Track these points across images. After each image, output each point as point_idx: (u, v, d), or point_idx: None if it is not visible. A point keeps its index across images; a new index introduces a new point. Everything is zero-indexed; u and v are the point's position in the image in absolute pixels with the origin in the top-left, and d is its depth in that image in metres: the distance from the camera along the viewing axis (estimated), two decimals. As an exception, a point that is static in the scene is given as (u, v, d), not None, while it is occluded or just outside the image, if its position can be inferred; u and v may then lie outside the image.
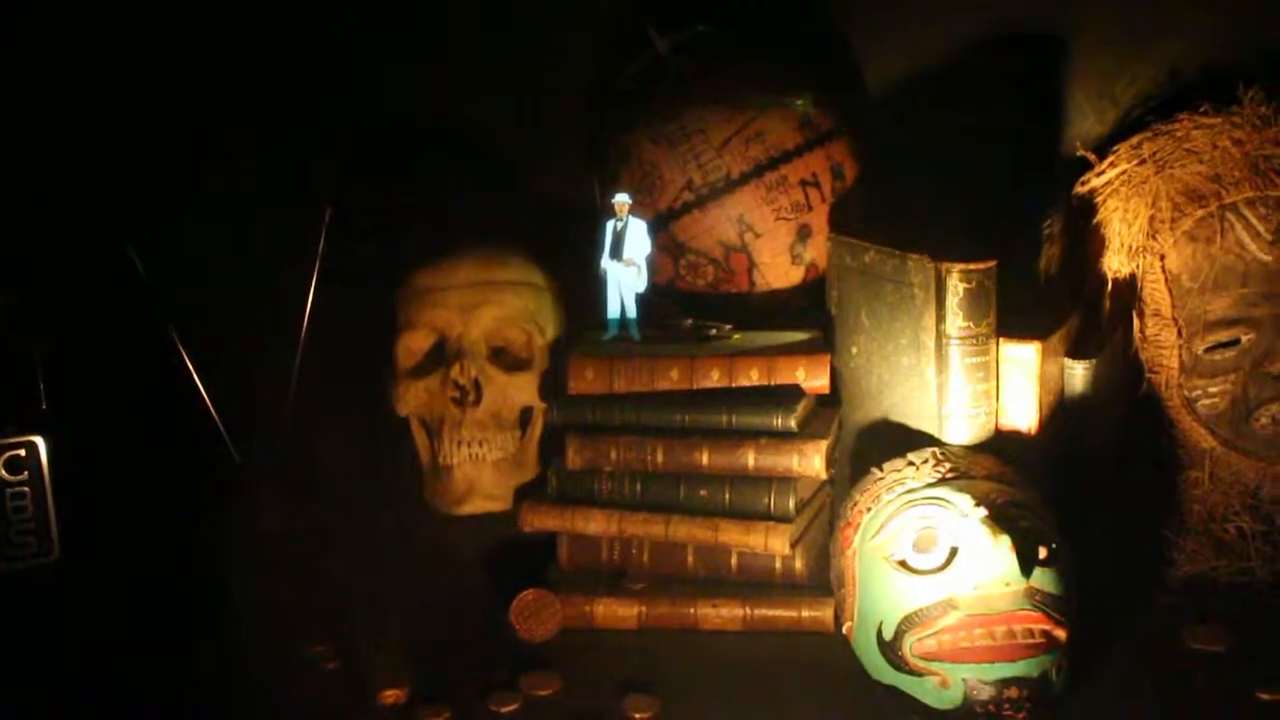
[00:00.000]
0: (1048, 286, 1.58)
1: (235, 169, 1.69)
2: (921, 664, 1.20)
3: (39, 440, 1.45)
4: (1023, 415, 1.39)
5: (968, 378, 1.37)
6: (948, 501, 1.23)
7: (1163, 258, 1.46)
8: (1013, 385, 1.39)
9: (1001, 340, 1.38)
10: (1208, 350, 1.46)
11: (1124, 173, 1.50)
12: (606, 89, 1.73)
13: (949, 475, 1.28)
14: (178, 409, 1.59)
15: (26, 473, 1.45)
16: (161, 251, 1.61)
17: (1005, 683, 1.17)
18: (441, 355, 1.62)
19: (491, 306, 1.61)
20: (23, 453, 1.45)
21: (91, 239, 1.61)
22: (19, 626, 1.42)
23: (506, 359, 1.63)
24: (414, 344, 1.63)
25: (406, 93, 1.83)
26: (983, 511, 1.20)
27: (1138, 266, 1.47)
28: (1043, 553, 1.20)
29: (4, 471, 1.45)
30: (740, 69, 1.64)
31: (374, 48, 1.81)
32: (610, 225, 1.49)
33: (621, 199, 1.49)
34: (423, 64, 1.82)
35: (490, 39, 1.81)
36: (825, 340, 1.51)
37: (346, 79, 1.80)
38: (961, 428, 1.38)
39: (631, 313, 1.51)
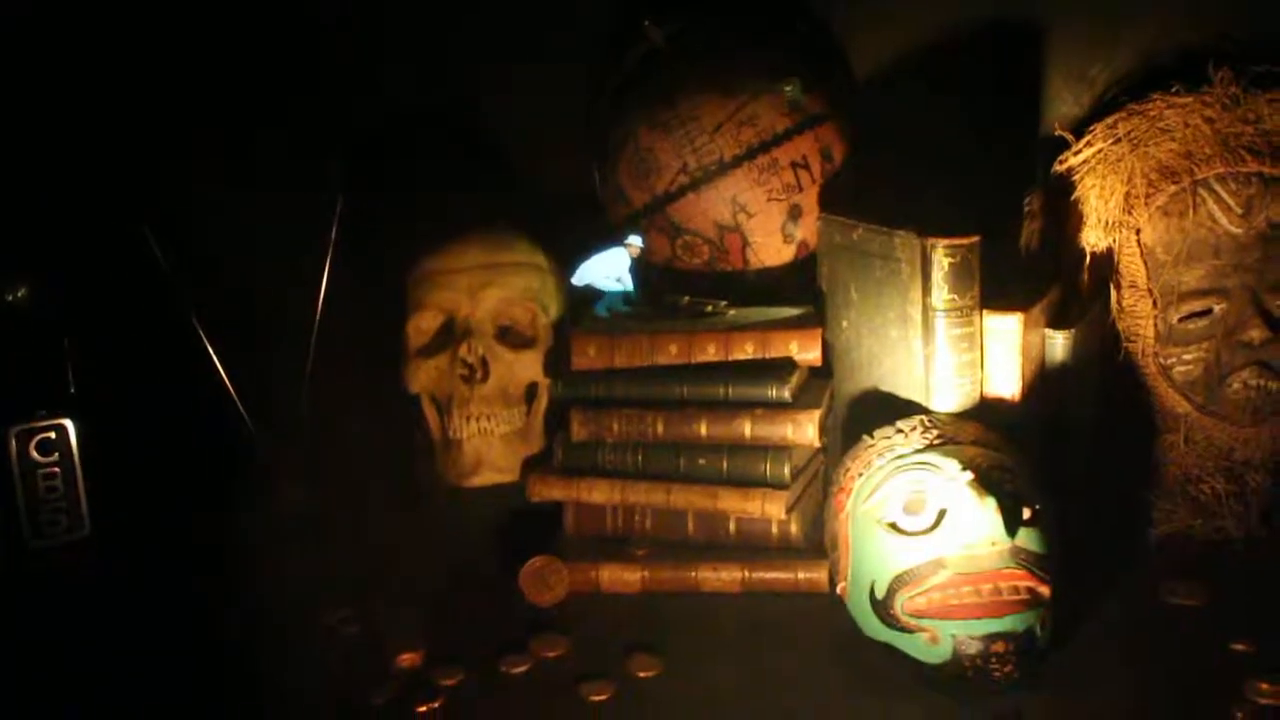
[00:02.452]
0: (1029, 261, 1.58)
1: (251, 159, 1.69)
2: (912, 621, 1.22)
3: (68, 423, 1.47)
4: (1006, 383, 1.40)
5: (953, 348, 1.38)
6: (936, 466, 1.25)
7: (1138, 232, 1.47)
8: (996, 355, 1.40)
9: (985, 312, 1.39)
10: (1182, 320, 1.47)
11: (1100, 151, 1.51)
12: (603, 78, 1.74)
13: (936, 441, 1.29)
14: (199, 390, 1.60)
15: (57, 454, 1.46)
16: (181, 239, 1.62)
17: (992, 638, 1.19)
18: (450, 335, 1.63)
19: (497, 288, 1.62)
20: (53, 435, 1.46)
21: (113, 227, 1.62)
22: (53, 598, 1.44)
23: (512, 337, 1.64)
24: (423, 324, 1.64)
25: (410, 85, 1.85)
26: (969, 475, 1.22)
27: (1114, 241, 1.48)
28: (1027, 514, 1.22)
29: (36, 454, 1.46)
30: (731, 57, 1.65)
31: (380, 41, 1.82)
32: (619, 258, 1.52)
33: (634, 241, 1.53)
34: (424, 56, 1.83)
35: (490, 29, 1.82)
36: (817, 315, 1.52)
37: (355, 72, 1.81)
38: (948, 396, 1.39)
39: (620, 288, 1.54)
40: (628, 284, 1.53)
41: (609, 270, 1.53)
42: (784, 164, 1.61)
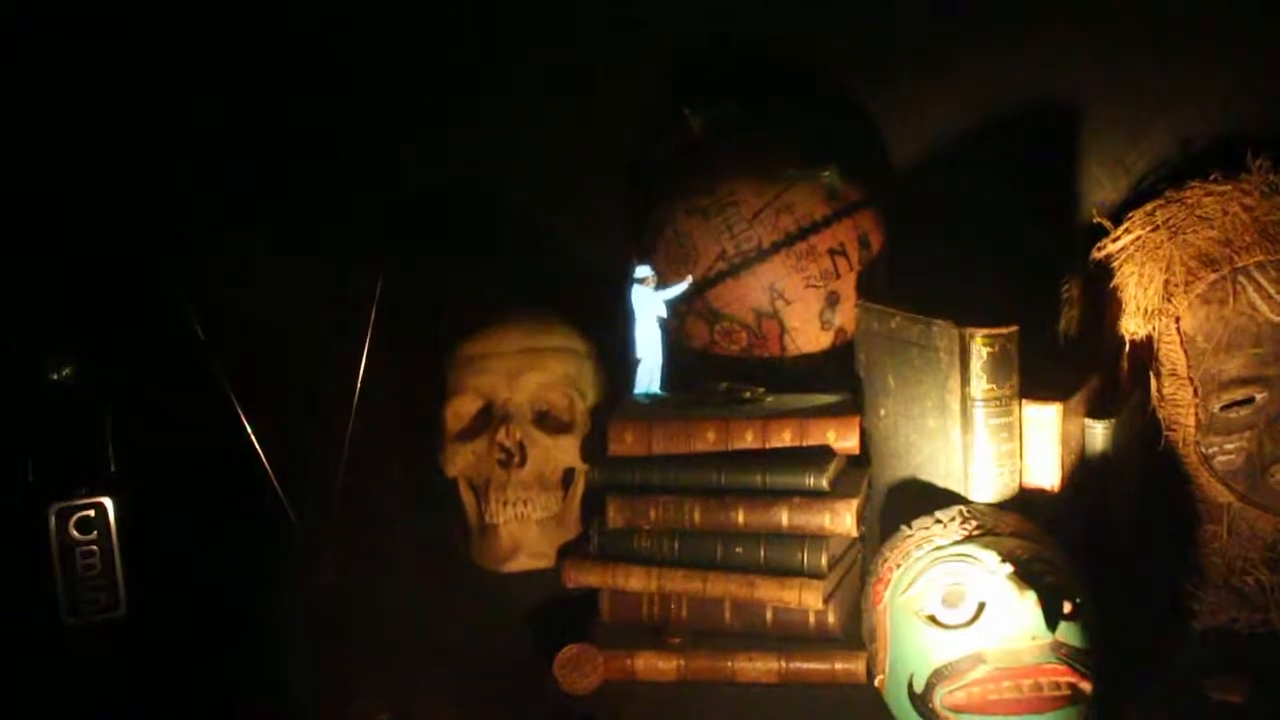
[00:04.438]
0: (1068, 349, 1.58)
1: (292, 234, 1.72)
2: (951, 716, 1.21)
3: (108, 502, 1.48)
4: (1045, 474, 1.40)
5: (992, 438, 1.38)
6: (975, 558, 1.24)
7: (1178, 320, 1.46)
8: (1035, 445, 1.39)
9: (1024, 401, 1.39)
10: (1223, 408, 1.46)
11: (1139, 238, 1.51)
12: (643, 163, 1.76)
13: (975, 532, 1.29)
14: (237, 470, 1.61)
15: (95, 532, 1.47)
16: (221, 317, 1.63)
17: (1033, 734, 1.17)
18: (488, 419, 1.64)
19: (536, 372, 1.63)
20: (92, 514, 1.47)
21: (153, 304, 1.64)
22: (88, 676, 1.44)
23: (550, 422, 1.65)
24: (462, 408, 1.65)
25: (452, 167, 1.87)
26: (1009, 568, 1.21)
27: (1154, 328, 1.48)
28: (1067, 607, 1.21)
29: (75, 532, 1.47)
30: (769, 143, 1.67)
31: (425, 125, 1.85)
32: (644, 296, 1.52)
33: (645, 271, 1.53)
34: (467, 140, 1.85)
35: (531, 114, 1.85)
36: (854, 402, 1.52)
37: (401, 155, 1.84)
38: (987, 486, 1.39)
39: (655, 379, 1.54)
40: (665, 310, 1.54)
41: (650, 316, 1.53)
42: (822, 251, 1.62)
